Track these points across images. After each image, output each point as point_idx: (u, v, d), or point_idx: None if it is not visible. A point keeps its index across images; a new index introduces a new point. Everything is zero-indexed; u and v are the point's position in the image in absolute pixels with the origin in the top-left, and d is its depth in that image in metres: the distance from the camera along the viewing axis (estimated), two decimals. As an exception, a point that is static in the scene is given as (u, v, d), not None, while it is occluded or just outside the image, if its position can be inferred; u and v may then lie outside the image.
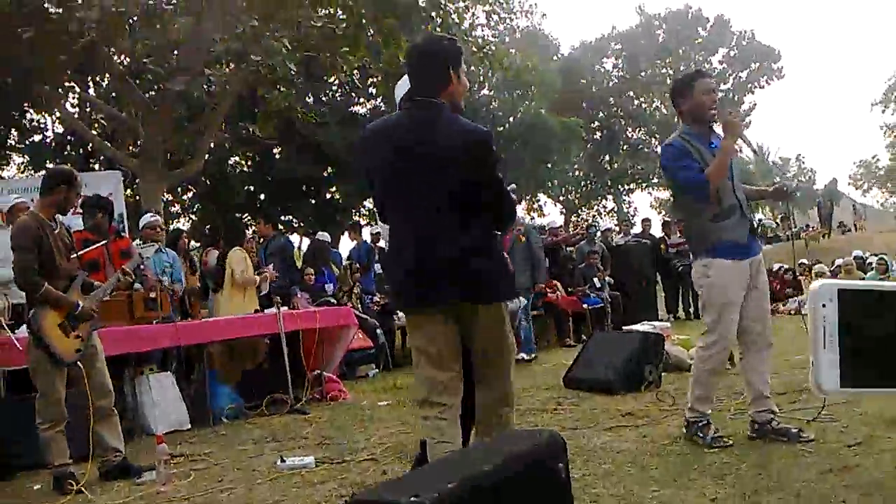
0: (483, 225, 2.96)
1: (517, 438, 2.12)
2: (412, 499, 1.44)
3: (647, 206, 45.18)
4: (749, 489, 3.24)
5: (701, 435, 4.05)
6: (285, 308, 7.09)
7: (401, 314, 8.40)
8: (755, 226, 4.25)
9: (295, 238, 22.45)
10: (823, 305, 0.63)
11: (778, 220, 39.06)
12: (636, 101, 37.96)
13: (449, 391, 2.96)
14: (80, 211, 6.01)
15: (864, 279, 12.65)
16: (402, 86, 3.64)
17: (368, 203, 19.54)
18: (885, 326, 0.62)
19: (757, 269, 4.16)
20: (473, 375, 3.05)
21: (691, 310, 13.02)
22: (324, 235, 9.69)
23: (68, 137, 17.92)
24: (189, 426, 6.04)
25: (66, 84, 13.95)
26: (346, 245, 15.09)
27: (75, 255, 4.69)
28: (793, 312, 13.24)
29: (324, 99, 21.44)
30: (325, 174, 22.77)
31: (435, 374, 2.96)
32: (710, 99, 4.16)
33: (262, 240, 9.40)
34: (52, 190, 4.48)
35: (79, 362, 4.43)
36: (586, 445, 4.32)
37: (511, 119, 25.94)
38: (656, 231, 15.85)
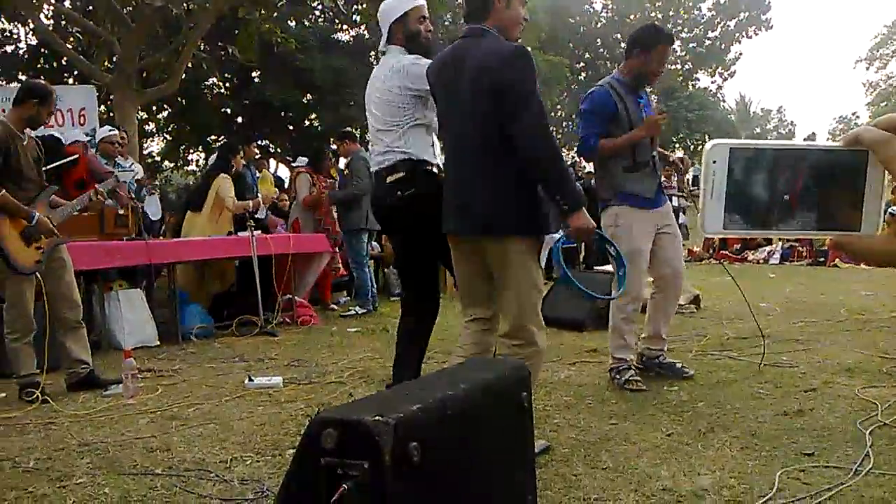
0: (503, 153, 2.84)
1: (483, 366, 2.15)
2: (376, 417, 1.46)
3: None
4: (704, 426, 3.33)
5: (618, 377, 4.17)
6: (259, 232, 7.05)
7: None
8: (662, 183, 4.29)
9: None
10: (714, 161, 0.71)
11: (754, 172, 39.17)
12: (623, 44, 37.50)
13: (474, 305, 3.12)
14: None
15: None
16: (388, 10, 3.58)
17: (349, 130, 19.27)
18: (765, 180, 0.70)
19: (664, 218, 4.26)
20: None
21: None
22: (302, 161, 9.54)
23: (42, 49, 17.38)
24: (157, 343, 6.06)
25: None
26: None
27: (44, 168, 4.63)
28: (761, 262, 13.45)
29: (306, 24, 20.94)
30: (306, 101, 22.41)
31: (462, 293, 3.17)
32: (662, 69, 4.21)
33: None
34: (23, 103, 4.39)
35: (39, 274, 4.39)
36: (550, 378, 4.41)
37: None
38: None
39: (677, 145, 38.35)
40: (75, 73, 16.58)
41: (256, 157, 9.67)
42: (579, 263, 11.49)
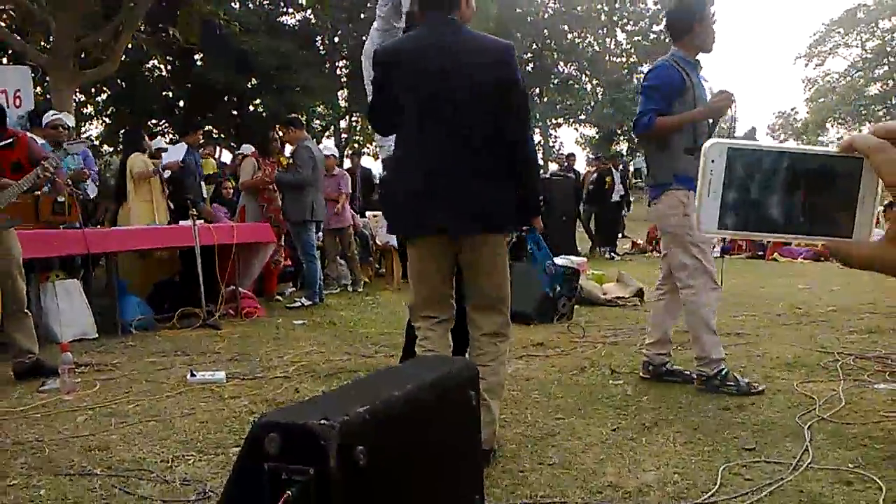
0: (494, 149, 2.82)
1: (431, 364, 2.13)
2: (322, 421, 1.42)
3: (572, 142, 45.63)
4: (648, 421, 3.37)
5: (732, 385, 3.79)
6: (201, 221, 6.90)
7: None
8: None
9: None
10: (712, 161, 0.71)
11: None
12: (570, 36, 37.85)
13: (435, 309, 3.00)
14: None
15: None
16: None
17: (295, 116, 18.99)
18: (761, 182, 0.71)
19: None
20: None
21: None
22: (248, 148, 9.38)
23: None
24: (96, 335, 5.89)
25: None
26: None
27: None
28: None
29: (250, 6, 20.57)
30: (250, 85, 22.05)
31: (422, 293, 3.02)
32: (714, 31, 3.98)
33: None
34: None
35: None
36: (497, 373, 4.40)
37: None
38: (580, 167, 16.12)
39: (621, 136, 38.91)
40: (10, 52, 15.98)
41: (200, 142, 9.44)
42: (526, 254, 11.54)
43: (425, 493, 1.89)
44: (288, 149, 8.52)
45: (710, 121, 3.91)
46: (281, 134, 8.58)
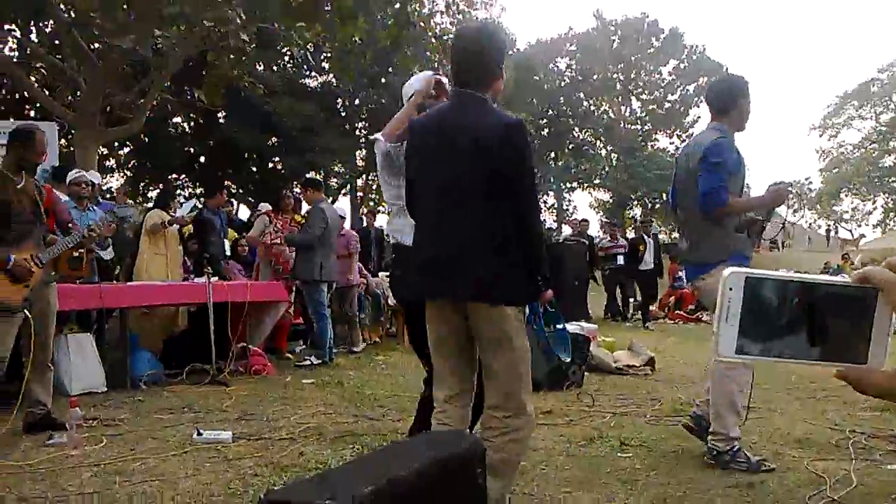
0: (500, 222, 2.82)
1: (439, 441, 2.13)
2: (327, 501, 1.44)
3: (586, 206, 45.89)
4: (657, 497, 3.33)
5: (742, 462, 3.75)
6: (215, 279, 6.97)
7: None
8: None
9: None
10: (731, 289, 0.74)
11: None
12: (585, 103, 38.44)
13: (450, 382, 2.99)
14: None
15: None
16: (412, 85, 3.54)
17: (312, 176, 19.25)
18: (779, 310, 0.74)
19: None
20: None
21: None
22: (265, 206, 9.53)
23: (4, 81, 17.19)
24: (105, 389, 5.91)
25: (7, 27, 13.34)
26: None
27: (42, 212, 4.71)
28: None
29: (274, 68, 21.07)
30: (270, 144, 22.44)
31: (437, 364, 3.02)
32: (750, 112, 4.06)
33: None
34: (10, 146, 4.62)
35: (27, 313, 4.44)
36: (505, 442, 4.37)
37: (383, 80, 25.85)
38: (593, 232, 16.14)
39: (636, 202, 39.09)
40: (37, 106, 16.40)
41: (225, 202, 9.60)
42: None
43: (428, 569, 1.87)
44: (305, 207, 8.66)
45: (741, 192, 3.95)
46: (299, 192, 8.73)
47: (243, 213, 19.79)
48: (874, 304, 0.73)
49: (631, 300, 14.37)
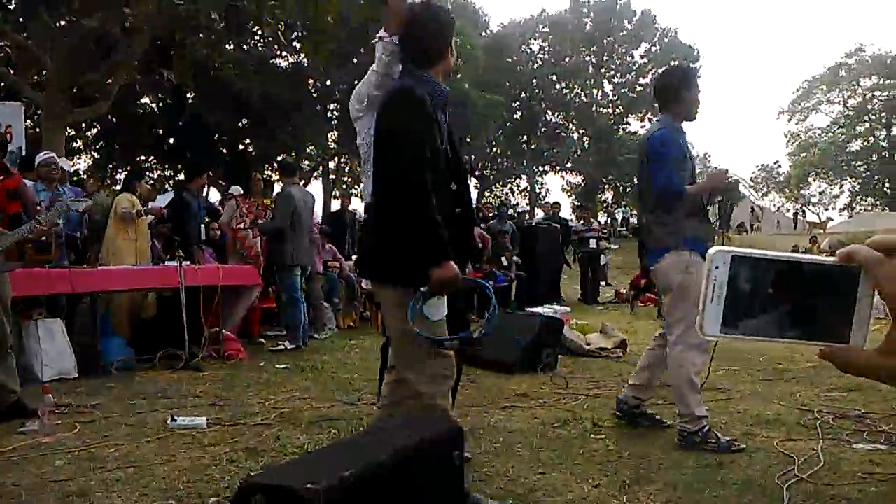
0: (382, 197, 2.82)
1: (417, 425, 2.15)
2: (307, 485, 1.45)
3: (558, 189, 46.09)
4: (630, 477, 3.38)
5: (712, 443, 3.85)
6: (187, 263, 6.90)
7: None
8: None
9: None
10: (716, 267, 0.75)
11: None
12: (558, 86, 38.46)
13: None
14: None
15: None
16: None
17: (285, 159, 19.05)
18: (764, 289, 0.75)
19: None
20: None
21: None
22: (236, 189, 9.43)
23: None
24: (77, 375, 5.85)
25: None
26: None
27: None
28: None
29: (245, 48, 20.78)
30: (240, 125, 22.18)
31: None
32: (699, 101, 4.17)
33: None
34: None
35: None
36: (479, 424, 4.41)
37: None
38: (565, 215, 16.27)
39: (607, 186, 39.31)
40: (1, 85, 16.06)
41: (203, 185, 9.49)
42: (511, 302, 11.59)
43: (406, 552, 1.89)
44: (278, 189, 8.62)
45: (692, 175, 4.13)
46: (273, 176, 8.68)
47: (213, 196, 19.60)
48: (857, 283, 0.75)
49: (602, 284, 14.58)
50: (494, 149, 35.75)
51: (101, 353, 6.13)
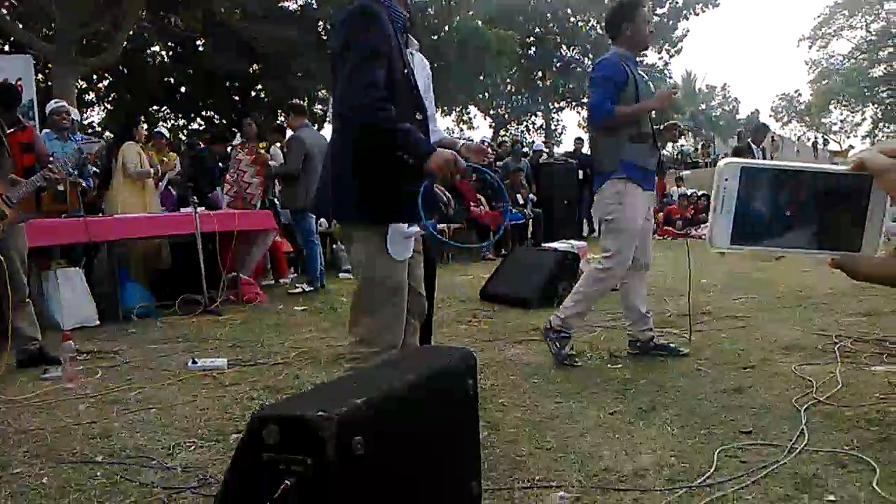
0: (338, 131, 2.64)
1: (430, 355, 2.14)
2: (319, 413, 1.44)
3: (574, 125, 45.54)
4: (646, 404, 3.39)
5: (558, 346, 4.18)
6: (202, 208, 6.91)
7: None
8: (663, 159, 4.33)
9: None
10: (726, 179, 0.72)
11: (698, 147, 40.04)
12: (572, 19, 37.66)
13: None
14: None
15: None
16: None
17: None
18: (772, 199, 0.72)
19: (651, 203, 4.34)
20: None
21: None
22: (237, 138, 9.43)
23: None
24: (98, 322, 5.93)
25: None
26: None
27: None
28: (703, 238, 13.70)
29: (251, -9, 20.47)
30: (251, 71, 21.97)
31: None
32: (649, 28, 4.28)
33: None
34: None
35: None
36: (496, 357, 4.44)
37: (446, 28, 25.44)
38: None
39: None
40: (11, 39, 15.97)
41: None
42: (528, 240, 11.57)
43: (423, 480, 1.91)
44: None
45: (653, 113, 4.23)
46: (284, 119, 8.62)
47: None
48: (868, 191, 0.72)
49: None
50: (509, 86, 35.26)
51: (120, 301, 6.20)
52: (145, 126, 11.58)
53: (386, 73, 2.50)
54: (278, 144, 8.91)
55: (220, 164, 8.86)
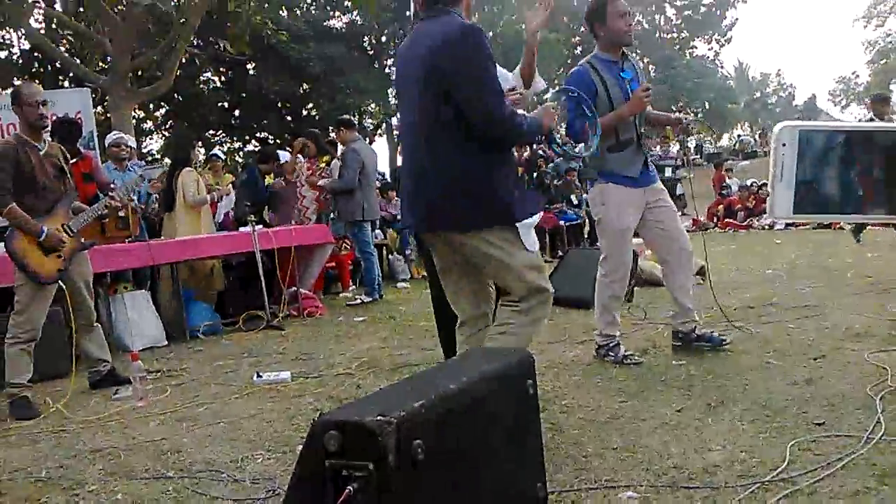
0: (450, 141, 2.74)
1: (487, 356, 2.13)
2: (379, 417, 1.45)
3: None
4: (713, 400, 3.31)
5: (612, 355, 4.18)
6: (260, 226, 7.04)
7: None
8: (649, 159, 4.24)
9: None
10: (784, 144, 0.69)
11: (756, 137, 39.13)
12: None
13: (461, 306, 3.07)
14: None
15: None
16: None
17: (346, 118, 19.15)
18: (835, 163, 0.69)
19: (655, 193, 4.20)
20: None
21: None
22: (284, 156, 9.54)
23: (35, 54, 17.33)
24: (165, 343, 6.08)
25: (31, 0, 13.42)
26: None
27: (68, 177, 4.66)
28: (766, 228, 13.39)
29: (297, 13, 20.84)
30: (302, 90, 22.35)
31: (446, 291, 3.10)
32: (625, 22, 4.09)
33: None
34: (14, 112, 4.40)
35: (62, 282, 4.42)
36: (558, 359, 4.40)
37: (490, 33, 25.47)
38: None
39: (678, 113, 38.14)
40: (70, 75, 16.56)
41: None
42: (584, 239, 11.47)
43: (486, 483, 1.90)
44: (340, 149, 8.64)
45: (635, 117, 4.08)
46: (334, 135, 8.71)
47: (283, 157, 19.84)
48: None
49: (679, 213, 14.23)
50: (556, 87, 35.10)
51: (186, 320, 6.35)
52: (202, 150, 11.88)
53: None
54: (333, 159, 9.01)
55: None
